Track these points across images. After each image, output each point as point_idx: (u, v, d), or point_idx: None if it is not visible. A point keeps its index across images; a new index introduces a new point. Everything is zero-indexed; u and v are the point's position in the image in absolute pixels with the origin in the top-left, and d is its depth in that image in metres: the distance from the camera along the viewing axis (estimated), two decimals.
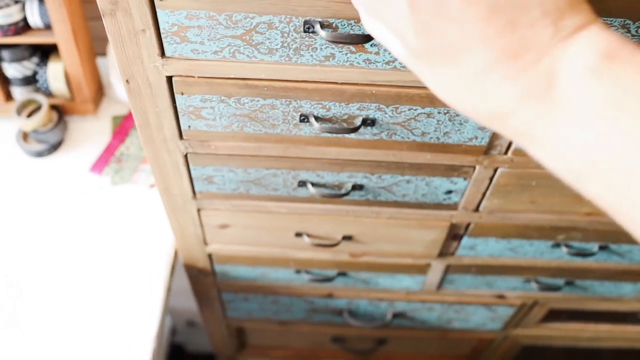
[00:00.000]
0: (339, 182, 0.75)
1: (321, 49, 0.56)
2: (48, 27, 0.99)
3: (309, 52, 0.57)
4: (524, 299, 1.07)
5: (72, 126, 1.11)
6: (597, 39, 0.31)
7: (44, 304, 0.92)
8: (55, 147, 1.08)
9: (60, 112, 1.08)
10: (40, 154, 1.07)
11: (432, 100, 0.62)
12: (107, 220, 1.01)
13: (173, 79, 0.61)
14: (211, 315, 1.18)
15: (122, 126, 1.11)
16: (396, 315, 1.12)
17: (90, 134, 1.10)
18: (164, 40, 0.57)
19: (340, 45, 0.56)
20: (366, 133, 0.67)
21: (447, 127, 0.65)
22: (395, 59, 0.57)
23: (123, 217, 1.01)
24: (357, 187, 0.76)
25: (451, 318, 1.13)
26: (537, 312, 1.12)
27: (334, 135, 0.67)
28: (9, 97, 1.10)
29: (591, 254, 0.87)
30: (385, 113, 0.63)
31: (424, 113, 0.63)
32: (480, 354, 1.33)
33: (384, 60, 0.57)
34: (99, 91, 1.13)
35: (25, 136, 1.08)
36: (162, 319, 0.94)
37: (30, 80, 1.06)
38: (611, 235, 0.84)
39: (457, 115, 0.63)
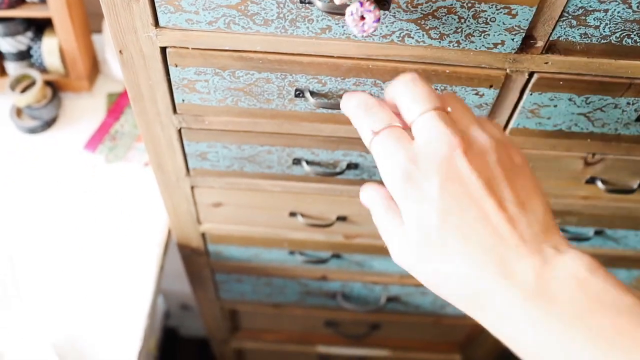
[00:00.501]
0: (333, 160, 0.75)
1: (317, 20, 0.55)
2: (43, 0, 0.98)
3: (305, 24, 0.56)
4: None
5: (66, 103, 1.10)
6: (581, 258, 0.39)
7: (36, 281, 0.92)
8: (49, 123, 1.07)
9: (55, 89, 1.07)
10: (33, 131, 1.06)
11: (429, 77, 0.61)
12: (100, 198, 1.00)
13: (167, 50, 0.60)
14: (204, 297, 1.18)
15: (117, 104, 1.10)
16: (390, 299, 1.11)
17: (84, 111, 1.09)
18: (157, 10, 0.56)
19: (337, 17, 0.55)
20: None
21: None
22: (393, 32, 0.56)
23: (116, 195, 1.00)
24: (352, 166, 0.75)
25: (444, 303, 1.12)
26: None
27: (329, 111, 0.66)
28: (2, 72, 1.09)
29: (586, 239, 0.87)
30: (382, 89, 0.62)
31: None
32: (474, 341, 1.33)
33: (380, 33, 0.56)
34: (94, 68, 1.12)
35: (18, 112, 1.07)
36: (155, 298, 0.93)
37: (24, 56, 1.05)
38: (607, 219, 0.84)
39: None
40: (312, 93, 0.64)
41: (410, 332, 1.34)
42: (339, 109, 0.63)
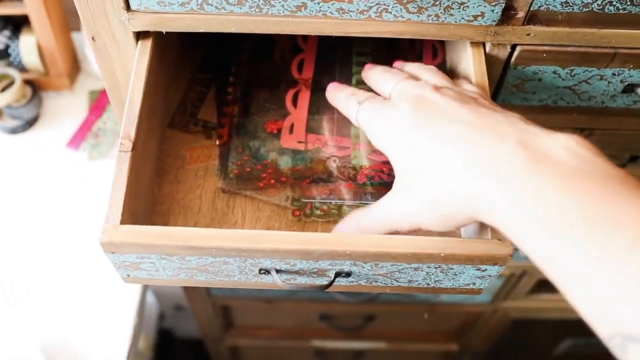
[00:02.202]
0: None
1: None
2: None
3: (280, 2, 0.54)
4: (512, 269, 1.05)
5: (47, 102, 1.09)
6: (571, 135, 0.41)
7: (23, 281, 0.90)
8: (30, 123, 1.05)
9: (35, 87, 1.06)
10: (14, 131, 1.04)
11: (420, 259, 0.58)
12: (84, 195, 0.98)
13: (100, 243, 0.51)
14: (195, 294, 1.16)
15: (99, 101, 1.08)
16: None
17: (66, 109, 1.08)
18: None
19: None
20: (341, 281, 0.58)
21: None
22: (370, 8, 0.54)
23: (101, 193, 0.98)
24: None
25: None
26: (526, 283, 1.11)
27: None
28: None
29: None
30: (363, 268, 0.54)
31: None
32: (470, 329, 1.32)
33: (357, 9, 0.55)
34: (75, 65, 1.10)
35: None
36: (143, 296, 0.92)
37: (2, 55, 1.03)
38: None
39: None
40: (278, 271, 0.55)
41: (406, 323, 1.33)
42: (314, 289, 0.56)
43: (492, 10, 0.54)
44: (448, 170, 0.43)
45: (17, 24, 1.04)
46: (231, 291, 1.13)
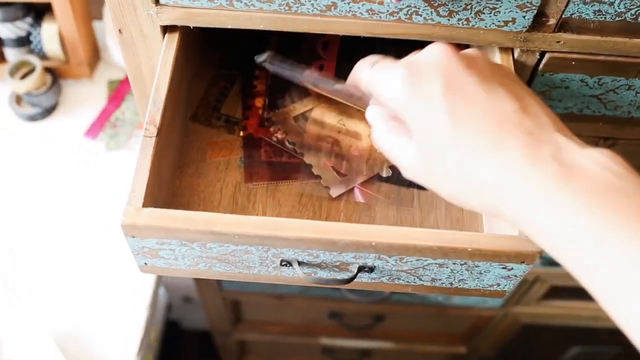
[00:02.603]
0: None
1: None
2: None
3: (310, 1, 0.54)
4: (525, 275, 1.05)
5: (66, 90, 1.09)
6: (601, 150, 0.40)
7: (37, 272, 0.90)
8: (49, 111, 1.05)
9: (55, 75, 1.06)
10: (33, 118, 1.05)
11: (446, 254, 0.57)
12: (101, 186, 0.98)
13: (122, 226, 0.51)
14: (207, 288, 1.16)
15: (118, 91, 1.08)
16: None
17: (85, 98, 1.08)
18: None
19: None
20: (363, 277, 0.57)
21: None
22: (400, 9, 0.54)
23: (117, 183, 0.99)
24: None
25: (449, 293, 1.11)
26: (539, 289, 1.10)
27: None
28: (2, 58, 1.07)
29: None
30: (387, 262, 0.54)
31: None
32: (479, 332, 1.31)
33: (388, 10, 0.54)
34: (95, 54, 1.10)
35: (18, 99, 1.06)
36: (156, 288, 0.92)
37: (23, 42, 1.04)
38: None
39: None
40: (300, 263, 0.53)
41: (415, 324, 1.32)
42: (337, 283, 0.56)
43: (524, 17, 0.54)
44: (478, 160, 0.41)
45: (40, 12, 1.04)
46: (242, 286, 1.13)
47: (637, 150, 0.71)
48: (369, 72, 0.48)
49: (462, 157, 0.42)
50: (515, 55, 0.59)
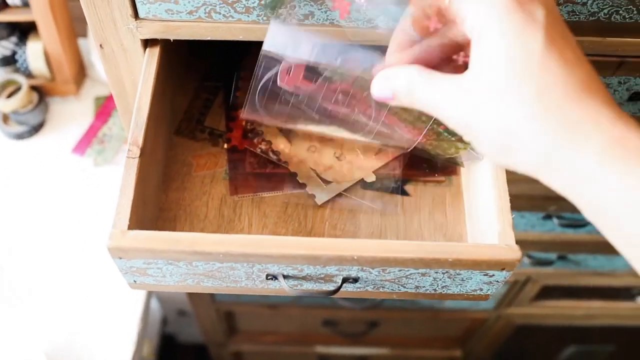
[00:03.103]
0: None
1: (299, 6, 0.54)
2: (26, 4, 0.97)
3: (287, 11, 0.55)
4: (516, 276, 1.05)
5: (53, 107, 1.09)
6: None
7: (27, 285, 0.90)
8: (36, 129, 1.06)
9: (41, 93, 1.06)
10: (21, 136, 1.05)
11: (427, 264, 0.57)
12: (90, 201, 0.98)
13: (108, 247, 0.51)
14: (199, 299, 1.16)
15: (105, 107, 1.08)
16: None
17: (72, 115, 1.08)
18: (136, 0, 0.55)
19: (320, 2, 0.54)
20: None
21: None
22: (377, 17, 0.55)
23: (106, 198, 0.99)
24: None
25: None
26: (530, 290, 1.11)
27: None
28: None
29: (583, 225, 0.86)
30: (370, 272, 0.54)
31: None
32: (473, 335, 1.32)
33: (364, 18, 0.55)
34: (81, 72, 1.11)
35: (5, 118, 1.06)
36: (147, 300, 0.92)
37: (9, 61, 1.04)
38: None
39: None
40: (286, 276, 0.54)
41: (409, 329, 1.33)
42: (322, 294, 0.56)
43: None
44: (554, 114, 0.35)
45: (24, 31, 1.04)
46: (235, 297, 1.13)
47: None
48: None
49: (542, 90, 0.35)
50: None
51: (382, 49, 0.48)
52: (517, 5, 0.37)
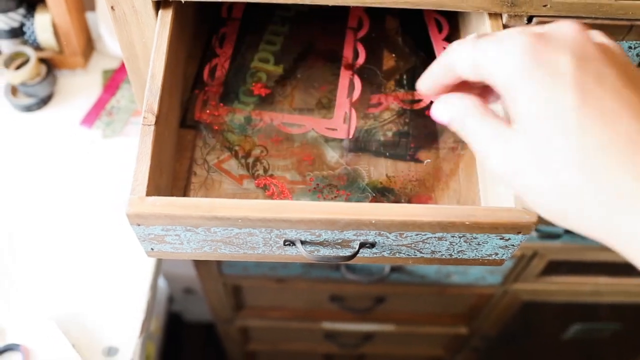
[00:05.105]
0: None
1: None
2: None
3: None
4: (522, 250, 1.05)
5: (61, 80, 1.09)
6: None
7: (37, 259, 0.91)
8: (44, 101, 1.06)
9: (50, 66, 1.06)
10: (29, 108, 1.05)
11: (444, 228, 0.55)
12: (98, 173, 0.99)
13: (127, 213, 0.51)
14: (207, 273, 1.17)
15: (113, 79, 1.08)
16: (394, 269, 1.10)
17: (80, 87, 1.08)
18: None
19: None
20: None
21: None
22: None
23: (115, 170, 0.99)
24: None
25: (450, 271, 1.12)
26: (537, 265, 1.11)
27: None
28: None
29: None
30: (387, 237, 0.54)
31: None
32: (480, 311, 1.32)
33: None
34: (89, 44, 1.11)
35: (14, 90, 1.06)
36: (156, 270, 0.93)
37: (17, 33, 1.04)
38: None
39: None
40: (303, 242, 0.55)
41: (415, 305, 1.33)
42: (339, 260, 0.56)
43: None
44: (599, 177, 0.33)
45: (32, 3, 1.04)
46: (243, 269, 1.14)
47: None
48: (474, 45, 0.39)
49: (585, 152, 0.33)
50: (504, 20, 0.59)
51: None
52: (536, 61, 0.35)
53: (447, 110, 0.41)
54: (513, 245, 0.55)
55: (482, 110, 0.39)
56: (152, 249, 0.57)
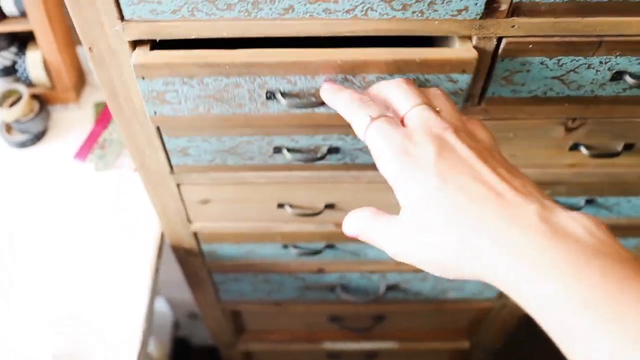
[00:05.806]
0: (314, 145, 0.75)
1: (280, 1, 0.55)
2: (23, 14, 0.99)
3: (268, 5, 0.56)
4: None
5: (54, 115, 1.11)
6: (582, 215, 0.40)
7: (33, 289, 0.92)
8: (38, 137, 1.08)
9: (42, 102, 1.08)
10: (23, 145, 1.07)
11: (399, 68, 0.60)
12: (92, 206, 1.00)
13: (133, 65, 0.59)
14: (205, 300, 1.17)
15: (105, 112, 1.10)
16: (389, 288, 1.11)
17: (73, 122, 1.10)
18: (121, 2, 0.56)
19: None
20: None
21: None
22: (355, 7, 0.56)
23: (108, 202, 1.00)
24: (333, 150, 0.75)
25: (445, 287, 1.12)
26: None
27: (303, 110, 0.65)
28: None
29: (578, 209, 0.86)
30: (353, 83, 0.60)
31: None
32: (480, 325, 1.32)
33: (343, 9, 0.56)
34: (80, 79, 1.13)
35: (8, 128, 1.08)
36: (151, 300, 0.94)
37: (9, 71, 1.06)
38: (596, 187, 0.83)
39: None
40: (283, 94, 0.61)
41: (415, 322, 1.33)
42: (312, 106, 0.62)
43: (476, 4, 0.56)
44: (464, 230, 0.41)
45: (23, 41, 1.06)
46: (240, 295, 1.14)
47: (605, 128, 0.72)
48: (367, 123, 0.49)
49: (447, 226, 0.42)
50: (474, 42, 0.60)
51: None
52: (404, 158, 0.45)
53: (354, 224, 0.49)
54: (461, 89, 0.61)
55: (374, 217, 0.48)
56: (155, 112, 0.65)
